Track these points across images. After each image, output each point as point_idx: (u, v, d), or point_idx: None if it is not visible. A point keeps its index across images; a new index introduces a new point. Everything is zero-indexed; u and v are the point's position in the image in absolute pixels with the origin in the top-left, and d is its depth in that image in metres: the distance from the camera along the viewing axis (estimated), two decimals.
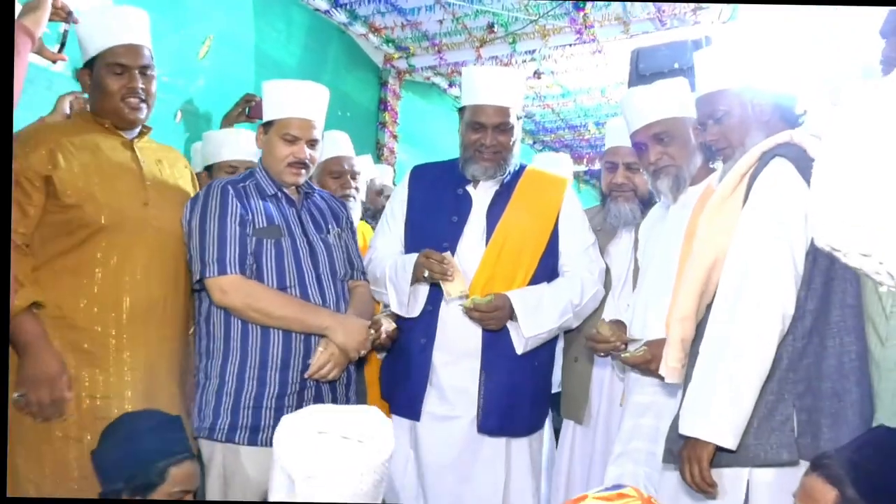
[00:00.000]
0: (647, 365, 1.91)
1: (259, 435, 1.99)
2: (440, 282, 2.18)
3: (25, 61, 1.67)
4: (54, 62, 1.88)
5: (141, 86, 2.00)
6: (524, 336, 2.17)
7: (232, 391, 1.99)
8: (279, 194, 2.14)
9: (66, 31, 1.90)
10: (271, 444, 1.82)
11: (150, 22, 2.07)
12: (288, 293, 2.04)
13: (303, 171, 2.13)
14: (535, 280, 2.24)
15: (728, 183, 1.73)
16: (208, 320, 2.05)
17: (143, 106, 2.02)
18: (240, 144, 2.72)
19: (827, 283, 1.63)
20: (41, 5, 1.74)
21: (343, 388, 2.13)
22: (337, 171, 2.62)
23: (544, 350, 2.28)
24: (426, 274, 2.18)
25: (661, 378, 1.83)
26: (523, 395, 2.24)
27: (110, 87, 1.98)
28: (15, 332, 1.80)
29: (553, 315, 2.19)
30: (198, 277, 2.01)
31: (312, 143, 2.13)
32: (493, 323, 2.17)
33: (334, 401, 2.09)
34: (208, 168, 2.72)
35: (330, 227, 2.22)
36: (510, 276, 2.22)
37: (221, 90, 3.33)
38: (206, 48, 3.37)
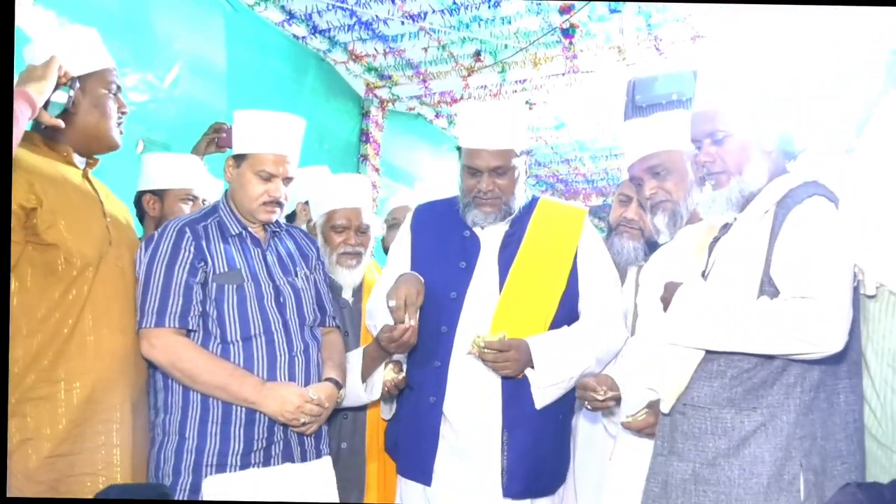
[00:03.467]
0: (651, 429, 1.88)
1: None
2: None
3: (22, 129, 1.74)
4: (45, 126, 1.91)
5: (126, 110, 2.07)
6: (541, 386, 2.11)
7: (193, 448, 1.99)
8: (244, 234, 2.14)
9: (69, 99, 1.94)
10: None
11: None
12: (252, 343, 2.04)
13: (277, 209, 2.14)
14: (555, 325, 2.18)
15: (751, 216, 1.75)
16: (164, 373, 2.03)
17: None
18: (176, 171, 2.69)
19: None
20: (47, 76, 1.82)
21: (313, 440, 2.12)
22: (340, 226, 2.49)
23: (566, 402, 2.21)
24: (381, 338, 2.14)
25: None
26: (548, 452, 2.17)
27: (109, 110, 2.02)
28: None
29: (573, 362, 2.13)
30: (137, 328, 2.01)
31: (288, 181, 2.14)
32: (510, 366, 2.09)
33: (303, 455, 2.09)
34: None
35: (298, 268, 2.21)
36: (529, 323, 2.15)
37: (191, 118, 3.34)
38: (173, 75, 3.41)
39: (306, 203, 2.70)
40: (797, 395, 1.65)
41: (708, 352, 1.72)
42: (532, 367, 2.11)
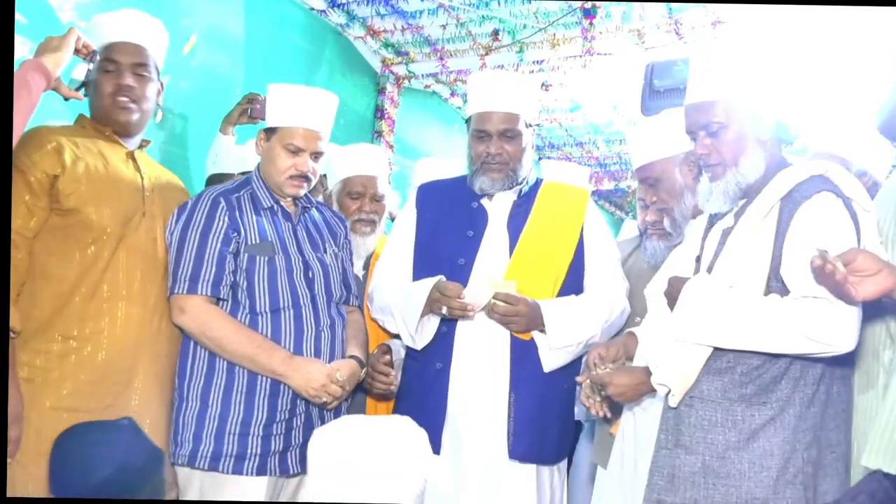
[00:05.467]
0: (618, 389, 1.91)
1: (244, 464, 1.99)
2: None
3: (36, 101, 1.73)
4: (67, 99, 1.92)
5: (130, 83, 2.02)
6: (551, 348, 2.12)
7: (216, 416, 1.99)
8: (275, 207, 2.14)
9: (89, 71, 1.95)
10: (257, 474, 2.00)
11: (163, 31, 2.15)
12: (280, 315, 2.04)
13: (304, 184, 2.14)
14: (562, 294, 2.20)
15: (757, 211, 1.73)
16: (192, 339, 2.04)
17: (133, 107, 2.04)
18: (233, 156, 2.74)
19: None
20: (63, 47, 1.82)
21: (332, 415, 2.12)
22: (356, 192, 2.53)
23: (572, 372, 2.22)
24: (444, 311, 2.12)
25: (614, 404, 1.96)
26: (553, 419, 2.19)
27: (102, 85, 2.01)
28: None
29: (582, 328, 2.14)
30: (168, 293, 2.02)
31: (317, 156, 2.14)
32: (518, 321, 2.11)
33: None
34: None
35: (327, 245, 2.22)
36: (538, 288, 2.16)
37: (208, 90, 3.34)
38: (190, 45, 3.36)
39: (324, 175, 2.71)
40: (801, 389, 1.66)
41: (716, 348, 1.72)
42: (541, 330, 2.12)
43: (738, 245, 1.74)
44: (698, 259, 1.85)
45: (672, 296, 1.78)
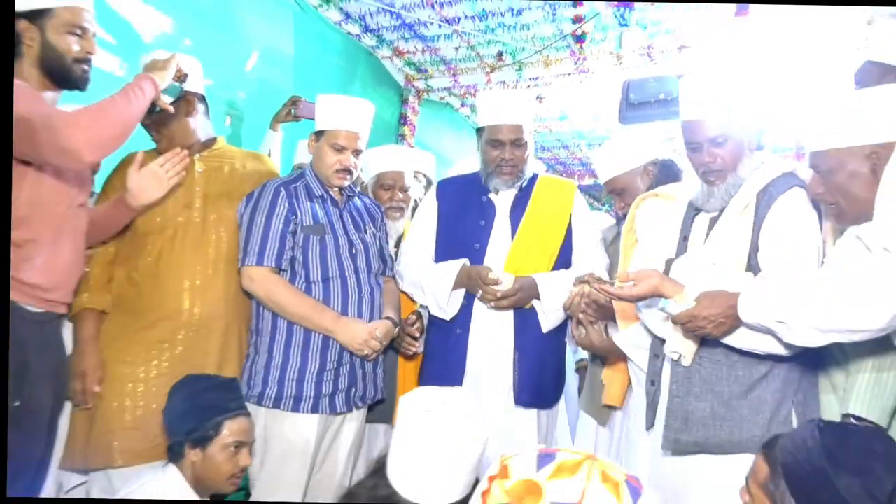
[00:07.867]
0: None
1: (301, 404, 2.08)
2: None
3: (147, 105, 1.87)
4: (161, 110, 2.02)
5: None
6: (546, 312, 2.23)
7: (279, 365, 2.09)
8: (325, 196, 2.21)
9: (182, 90, 2.10)
10: (311, 412, 2.09)
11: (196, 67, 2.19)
12: (330, 284, 2.12)
13: (347, 176, 2.21)
14: (556, 268, 2.32)
15: (737, 206, 1.78)
16: (259, 303, 2.13)
17: (154, 135, 2.15)
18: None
19: None
20: (168, 67, 1.95)
21: (371, 365, 2.22)
22: (387, 185, 2.61)
23: (562, 330, 2.34)
24: (479, 295, 2.21)
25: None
26: (549, 370, 2.31)
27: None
28: (75, 327, 2.04)
29: (568, 292, 2.22)
30: (240, 264, 2.10)
31: (357, 153, 2.21)
32: (522, 300, 2.22)
33: (364, 377, 2.20)
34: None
35: (367, 226, 2.29)
36: (536, 264, 2.29)
37: (264, 99, 3.42)
38: (252, 62, 3.50)
39: None
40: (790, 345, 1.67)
41: None
42: (538, 299, 2.24)
43: (721, 233, 1.78)
44: (686, 238, 1.88)
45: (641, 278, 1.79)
